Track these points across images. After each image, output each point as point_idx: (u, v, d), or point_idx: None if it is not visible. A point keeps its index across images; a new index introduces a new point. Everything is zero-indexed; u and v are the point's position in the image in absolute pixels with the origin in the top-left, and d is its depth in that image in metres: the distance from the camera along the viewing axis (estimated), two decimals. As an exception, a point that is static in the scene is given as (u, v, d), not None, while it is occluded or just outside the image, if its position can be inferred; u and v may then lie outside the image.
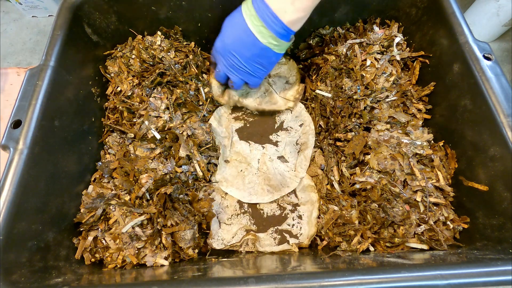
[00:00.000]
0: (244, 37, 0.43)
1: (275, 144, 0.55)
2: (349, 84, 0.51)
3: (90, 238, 0.41)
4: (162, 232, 0.41)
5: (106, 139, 0.50)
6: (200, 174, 0.48)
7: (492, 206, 0.38)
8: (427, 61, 0.49)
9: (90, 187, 0.45)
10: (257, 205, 0.51)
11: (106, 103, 0.52)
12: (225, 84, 0.55)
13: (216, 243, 0.47)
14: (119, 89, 0.51)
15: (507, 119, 0.37)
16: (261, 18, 0.41)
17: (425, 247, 0.40)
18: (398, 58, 0.51)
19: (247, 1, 0.43)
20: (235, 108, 0.59)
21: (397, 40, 0.51)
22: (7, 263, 0.32)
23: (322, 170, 0.52)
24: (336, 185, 0.48)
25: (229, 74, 0.50)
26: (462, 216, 0.41)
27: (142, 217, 0.41)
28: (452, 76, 0.44)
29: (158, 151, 0.46)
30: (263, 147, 0.55)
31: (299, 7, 0.40)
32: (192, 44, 0.57)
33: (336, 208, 0.46)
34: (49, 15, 1.35)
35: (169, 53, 0.53)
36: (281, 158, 0.54)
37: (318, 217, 0.48)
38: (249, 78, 0.50)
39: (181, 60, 0.54)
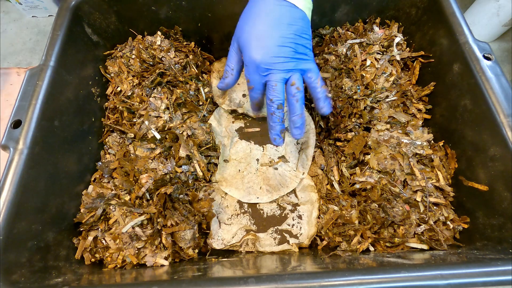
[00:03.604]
0: (279, 17, 0.37)
1: (275, 144, 0.55)
2: (349, 84, 0.51)
3: (90, 238, 0.41)
4: (162, 232, 0.41)
5: (106, 139, 0.50)
6: (200, 174, 0.48)
7: (492, 206, 0.38)
8: (430, 60, 0.49)
9: (90, 187, 0.45)
10: (257, 205, 0.51)
11: (106, 103, 0.52)
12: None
13: (216, 243, 0.47)
14: (119, 89, 0.51)
15: (507, 119, 0.37)
16: None
17: (425, 247, 0.40)
18: (398, 58, 0.51)
19: None
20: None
21: (397, 40, 0.51)
22: (7, 263, 0.32)
23: (322, 170, 0.52)
24: (336, 185, 0.48)
25: (291, 74, 0.39)
26: (462, 216, 0.41)
27: (142, 217, 0.41)
28: (452, 76, 0.44)
29: (158, 151, 0.46)
30: (263, 147, 0.55)
31: None
32: (192, 44, 0.57)
33: (336, 208, 0.46)
34: (49, 15, 1.35)
35: (169, 53, 0.53)
36: (281, 158, 0.54)
37: (318, 217, 0.48)
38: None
39: (181, 60, 0.54)
